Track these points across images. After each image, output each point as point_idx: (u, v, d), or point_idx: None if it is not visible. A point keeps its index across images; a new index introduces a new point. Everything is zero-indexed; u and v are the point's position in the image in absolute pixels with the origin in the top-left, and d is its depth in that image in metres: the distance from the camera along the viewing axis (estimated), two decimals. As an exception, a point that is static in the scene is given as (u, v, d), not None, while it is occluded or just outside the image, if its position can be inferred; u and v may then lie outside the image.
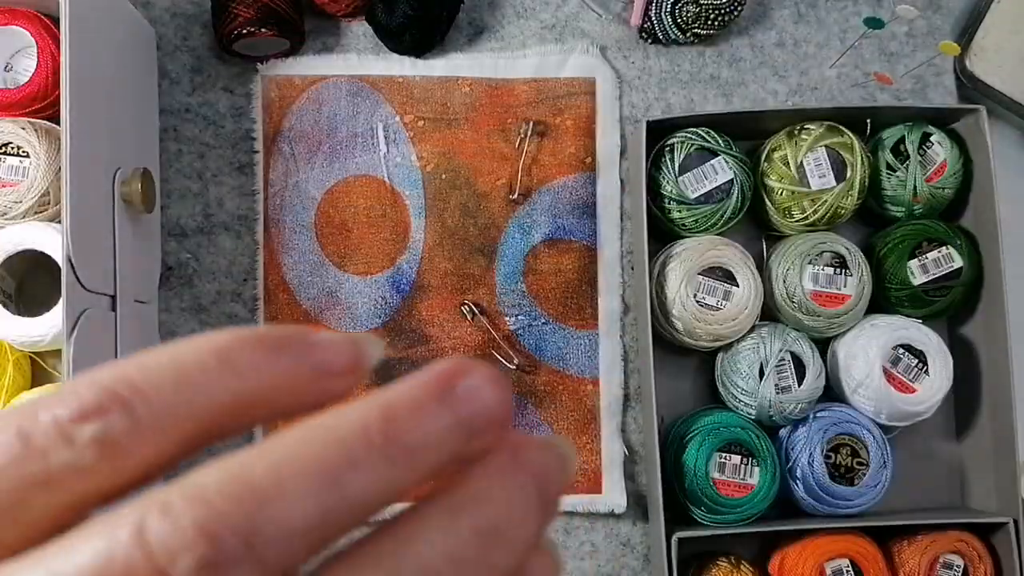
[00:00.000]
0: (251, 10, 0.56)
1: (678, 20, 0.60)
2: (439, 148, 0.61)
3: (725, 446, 0.56)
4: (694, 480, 0.56)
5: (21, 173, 0.53)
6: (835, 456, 0.57)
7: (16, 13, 0.55)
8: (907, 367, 0.57)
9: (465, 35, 0.62)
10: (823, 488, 0.56)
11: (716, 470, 0.56)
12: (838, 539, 0.56)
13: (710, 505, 0.56)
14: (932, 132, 0.59)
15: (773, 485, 0.56)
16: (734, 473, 0.56)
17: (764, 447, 0.57)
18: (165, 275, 0.61)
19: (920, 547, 0.56)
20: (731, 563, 0.57)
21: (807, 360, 0.57)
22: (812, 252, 0.58)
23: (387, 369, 0.60)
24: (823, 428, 0.57)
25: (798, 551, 0.56)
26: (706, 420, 0.58)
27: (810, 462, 0.56)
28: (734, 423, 0.57)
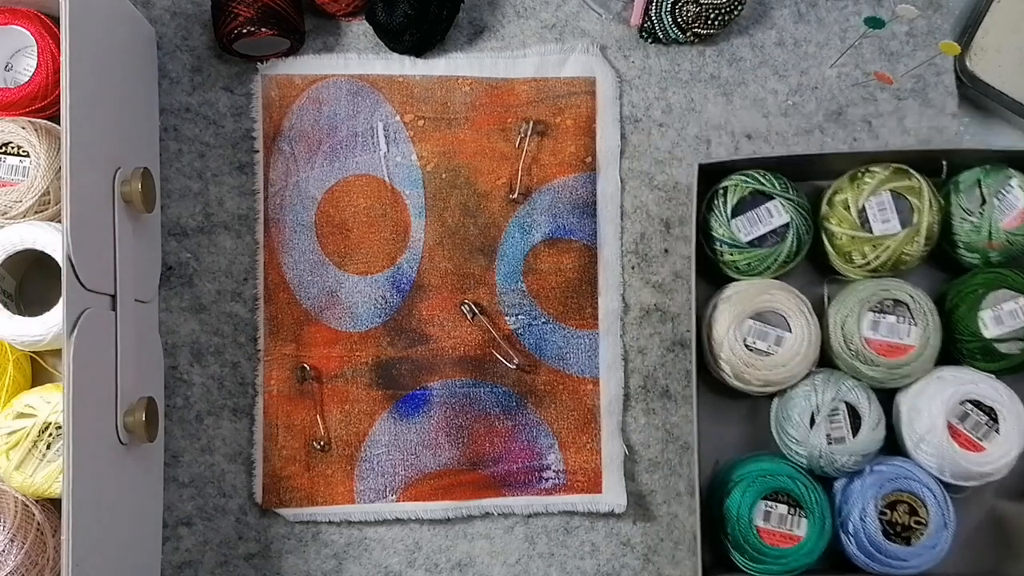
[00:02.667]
0: (251, 10, 0.56)
1: (678, 20, 0.60)
2: (439, 147, 0.61)
3: (771, 494, 0.54)
4: (736, 526, 0.54)
5: (21, 173, 0.53)
6: (891, 513, 0.54)
7: (16, 13, 0.55)
8: (975, 424, 0.54)
9: (465, 35, 0.62)
10: (876, 546, 0.54)
11: (761, 518, 0.54)
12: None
13: (752, 553, 0.54)
14: (1013, 175, 0.56)
15: (822, 538, 0.54)
16: (780, 523, 0.54)
17: (814, 498, 0.54)
18: (165, 274, 0.61)
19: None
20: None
21: (863, 411, 0.54)
22: (872, 299, 0.55)
23: (387, 369, 0.61)
24: (879, 483, 0.54)
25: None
26: (753, 466, 0.56)
27: (862, 517, 0.54)
28: (782, 472, 0.55)
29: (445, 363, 0.60)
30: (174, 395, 0.61)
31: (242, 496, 0.61)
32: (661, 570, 0.61)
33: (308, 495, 0.60)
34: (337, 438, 0.60)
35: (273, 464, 0.60)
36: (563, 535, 0.61)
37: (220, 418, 0.61)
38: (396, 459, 0.60)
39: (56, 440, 0.53)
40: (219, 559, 0.60)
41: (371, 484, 0.60)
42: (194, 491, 0.60)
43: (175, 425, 0.61)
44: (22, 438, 0.52)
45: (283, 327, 0.60)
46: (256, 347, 0.61)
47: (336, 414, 0.60)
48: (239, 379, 0.61)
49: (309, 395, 0.60)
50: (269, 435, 0.60)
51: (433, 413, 0.60)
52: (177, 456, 0.61)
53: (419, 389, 0.60)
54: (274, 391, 0.60)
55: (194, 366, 0.61)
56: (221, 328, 0.61)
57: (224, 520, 0.60)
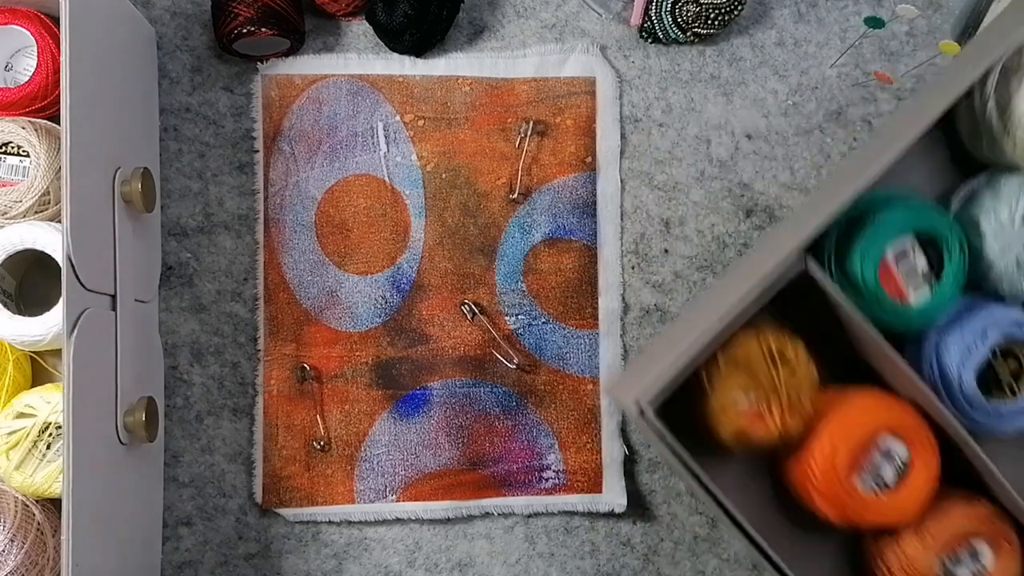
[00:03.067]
0: (251, 9, 0.56)
1: (678, 20, 0.60)
2: (439, 147, 0.61)
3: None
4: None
5: (21, 173, 0.53)
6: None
7: (16, 13, 0.55)
8: None
9: (465, 34, 0.62)
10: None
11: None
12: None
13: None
14: None
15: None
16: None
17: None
18: (165, 274, 0.61)
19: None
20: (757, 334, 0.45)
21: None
22: None
23: (387, 369, 0.60)
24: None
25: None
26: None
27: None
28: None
29: (445, 363, 0.60)
30: (174, 395, 0.61)
31: (242, 496, 0.61)
32: (661, 570, 0.61)
33: (308, 495, 0.60)
34: (337, 438, 0.60)
35: (273, 464, 0.60)
36: (563, 535, 0.61)
37: (220, 418, 0.61)
38: (396, 459, 0.60)
39: (56, 440, 0.53)
40: (219, 559, 0.60)
41: (371, 484, 0.60)
42: (194, 491, 0.60)
43: (175, 425, 0.61)
44: (22, 438, 0.52)
45: (283, 327, 0.60)
46: (256, 347, 0.61)
47: (336, 414, 0.60)
48: (239, 379, 0.61)
49: (309, 395, 0.60)
50: (269, 435, 0.60)
51: (433, 413, 0.60)
52: (177, 456, 0.61)
53: (419, 389, 0.60)
54: (274, 391, 0.60)
55: (194, 366, 0.61)
56: (221, 328, 0.61)
57: (224, 520, 0.60)
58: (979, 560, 0.46)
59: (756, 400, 0.43)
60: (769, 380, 0.43)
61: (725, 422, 0.44)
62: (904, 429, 0.46)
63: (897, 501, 0.45)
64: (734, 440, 0.44)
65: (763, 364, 0.43)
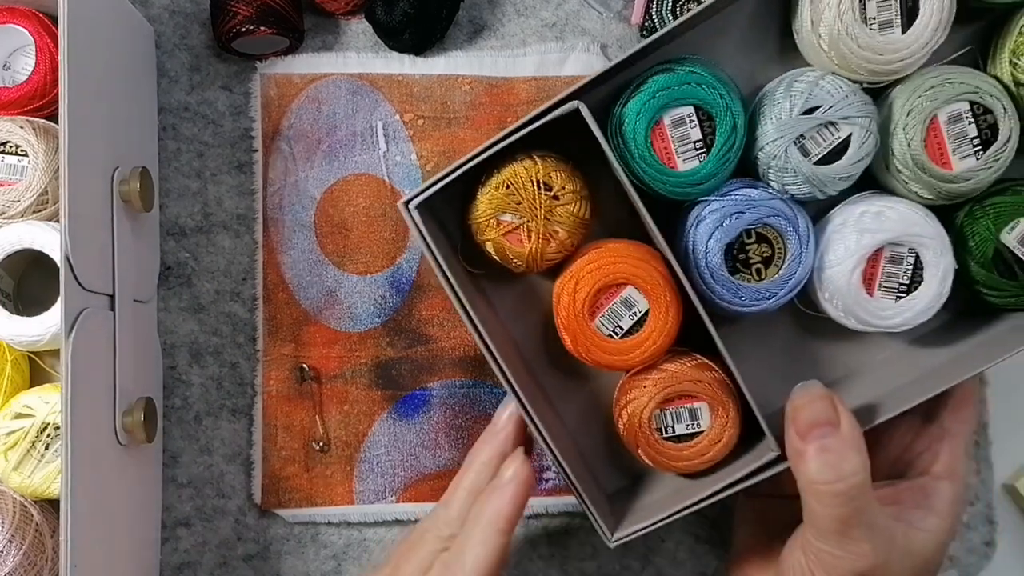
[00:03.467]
0: (250, 8, 0.56)
1: (679, 18, 0.60)
2: (439, 147, 0.61)
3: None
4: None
5: (19, 172, 0.53)
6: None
7: (14, 11, 0.55)
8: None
9: (465, 33, 0.62)
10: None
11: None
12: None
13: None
14: None
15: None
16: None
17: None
18: (164, 274, 0.61)
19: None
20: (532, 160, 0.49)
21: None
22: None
23: (387, 369, 0.60)
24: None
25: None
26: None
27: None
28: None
29: (445, 363, 0.60)
30: (173, 395, 0.61)
31: (241, 497, 0.60)
32: (661, 570, 0.61)
33: (307, 496, 0.60)
34: (336, 438, 0.60)
35: (272, 465, 0.60)
36: (563, 536, 0.61)
37: (219, 419, 0.61)
38: (396, 460, 0.60)
39: (54, 440, 0.52)
40: (218, 560, 0.60)
41: (370, 485, 0.60)
42: (193, 492, 0.60)
43: (174, 425, 0.60)
44: (20, 438, 0.52)
45: (282, 327, 0.60)
46: (255, 347, 0.61)
47: (335, 414, 0.60)
48: (238, 379, 0.61)
49: (308, 395, 0.60)
50: (268, 436, 0.60)
51: (433, 413, 0.60)
52: (176, 457, 0.60)
53: (419, 389, 0.60)
54: (273, 391, 0.60)
55: (193, 366, 0.61)
56: (220, 328, 0.61)
57: (223, 521, 0.60)
58: (697, 419, 0.50)
59: (517, 218, 0.49)
60: (531, 204, 0.48)
61: (488, 233, 0.50)
62: (647, 282, 0.49)
63: (627, 346, 0.49)
64: (494, 253, 0.50)
65: (530, 188, 0.48)
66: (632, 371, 0.51)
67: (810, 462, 0.43)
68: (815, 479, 0.43)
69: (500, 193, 0.49)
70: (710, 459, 0.50)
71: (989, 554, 0.61)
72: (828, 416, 0.44)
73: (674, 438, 0.50)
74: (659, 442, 0.50)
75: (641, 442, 0.51)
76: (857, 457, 0.43)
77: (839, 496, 0.43)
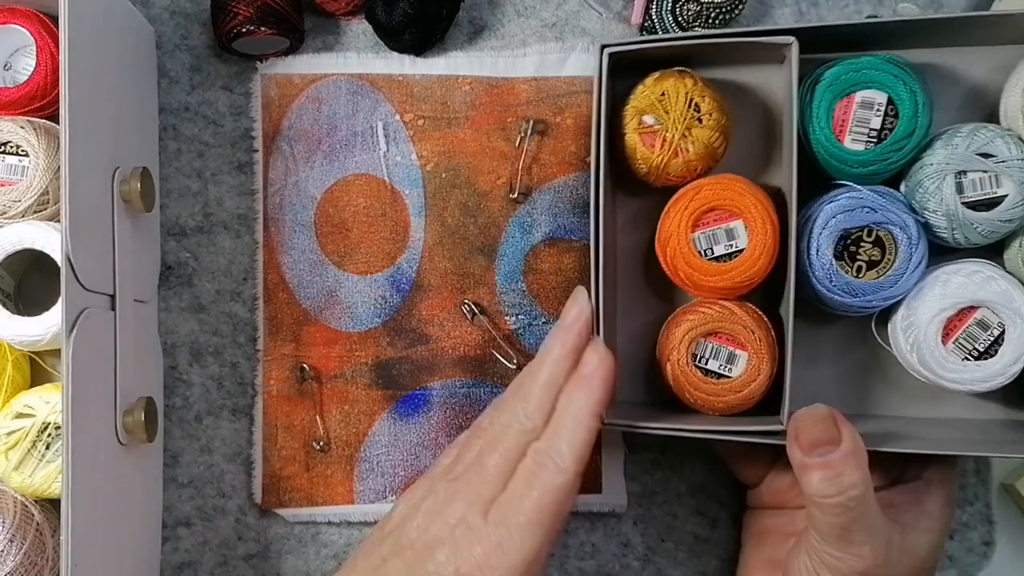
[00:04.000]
0: (251, 8, 0.56)
1: (679, 18, 0.60)
2: (439, 147, 0.61)
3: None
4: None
5: (20, 172, 0.53)
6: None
7: (15, 12, 0.55)
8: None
9: (465, 33, 0.62)
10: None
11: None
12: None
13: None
14: None
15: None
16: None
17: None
18: (164, 274, 0.61)
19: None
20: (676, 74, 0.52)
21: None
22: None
23: (387, 369, 0.60)
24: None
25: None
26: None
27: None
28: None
29: (445, 363, 0.60)
30: (173, 395, 0.61)
31: (241, 497, 0.60)
32: (662, 570, 0.61)
33: (308, 495, 0.60)
34: (337, 438, 0.60)
35: (272, 464, 0.60)
36: (563, 535, 0.61)
37: (219, 418, 0.61)
38: (396, 459, 0.60)
39: (55, 440, 0.53)
40: (218, 559, 0.60)
41: (371, 484, 0.60)
42: (193, 491, 0.60)
43: (174, 425, 0.61)
44: (21, 438, 0.52)
45: (282, 327, 0.60)
46: (255, 347, 0.61)
47: (336, 414, 0.60)
48: (238, 379, 0.61)
49: (309, 395, 0.60)
50: (268, 435, 0.60)
51: (433, 413, 0.60)
52: (176, 456, 0.60)
53: (419, 389, 0.60)
54: (273, 391, 0.60)
55: (193, 366, 0.61)
56: (220, 328, 0.61)
57: (223, 521, 0.60)
58: (732, 363, 0.52)
59: (658, 123, 0.51)
60: (677, 115, 0.51)
61: (628, 127, 0.52)
62: (757, 225, 0.50)
63: (709, 268, 0.51)
64: (627, 149, 0.53)
65: (681, 101, 0.51)
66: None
67: (812, 477, 0.46)
68: (816, 493, 0.46)
69: (654, 96, 0.51)
70: (725, 404, 0.52)
71: (988, 554, 0.61)
72: (830, 436, 0.46)
73: (703, 370, 0.52)
74: (688, 364, 0.52)
75: (672, 357, 0.52)
76: (856, 472, 0.45)
77: (839, 507, 0.45)
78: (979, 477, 0.60)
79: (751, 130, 0.57)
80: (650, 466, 0.61)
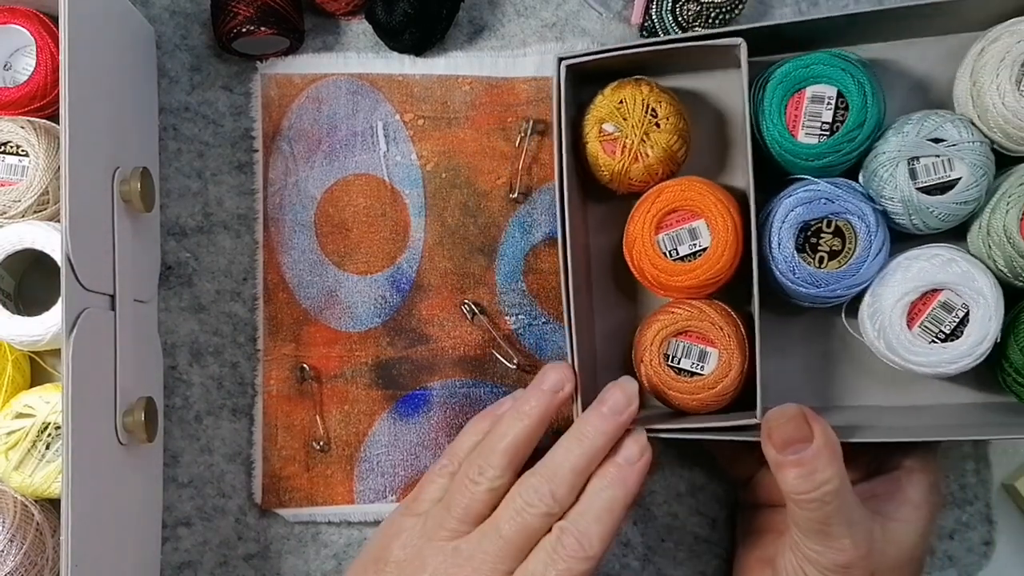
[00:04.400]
0: (251, 8, 0.56)
1: (679, 18, 0.60)
2: (439, 147, 0.61)
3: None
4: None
5: (20, 172, 0.53)
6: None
7: (15, 12, 0.55)
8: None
9: (465, 33, 0.62)
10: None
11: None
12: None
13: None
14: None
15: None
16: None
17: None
18: (164, 274, 0.61)
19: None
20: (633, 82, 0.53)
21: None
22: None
23: (387, 369, 0.60)
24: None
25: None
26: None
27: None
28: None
29: (445, 363, 0.60)
30: (173, 395, 0.61)
31: (241, 496, 0.60)
32: (662, 570, 0.61)
33: (308, 495, 0.60)
34: (337, 438, 0.60)
35: (272, 464, 0.60)
36: (563, 535, 0.61)
37: (219, 418, 0.61)
38: (396, 459, 0.60)
39: (55, 440, 0.53)
40: (218, 559, 0.60)
41: (371, 484, 0.60)
42: (193, 491, 0.60)
43: (174, 425, 0.61)
44: (21, 438, 0.52)
45: (282, 327, 0.60)
46: (255, 347, 0.61)
47: (336, 414, 0.60)
48: (238, 379, 0.61)
49: (309, 395, 0.60)
50: (268, 435, 0.60)
51: (433, 413, 0.60)
52: (176, 456, 0.60)
53: (419, 389, 0.60)
54: (273, 391, 0.60)
55: (193, 366, 0.61)
56: (220, 328, 0.61)
57: (223, 520, 0.60)
58: (703, 361, 0.52)
59: (617, 130, 0.52)
60: (635, 122, 0.52)
61: (589, 135, 0.53)
62: (719, 224, 0.51)
63: (674, 268, 0.52)
64: (589, 157, 0.54)
65: (639, 108, 0.52)
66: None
67: (787, 474, 0.46)
68: (792, 490, 0.46)
69: (613, 104, 0.52)
70: (699, 402, 0.52)
71: (988, 553, 0.61)
72: (802, 433, 0.46)
73: (676, 368, 0.52)
74: (660, 365, 0.52)
75: (645, 359, 0.53)
76: (830, 467, 0.45)
77: (815, 502, 0.46)
78: (979, 477, 0.60)
79: (712, 134, 0.58)
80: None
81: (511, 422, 0.50)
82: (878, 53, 0.56)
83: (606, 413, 0.49)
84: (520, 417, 0.50)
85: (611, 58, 0.53)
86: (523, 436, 0.49)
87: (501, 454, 0.49)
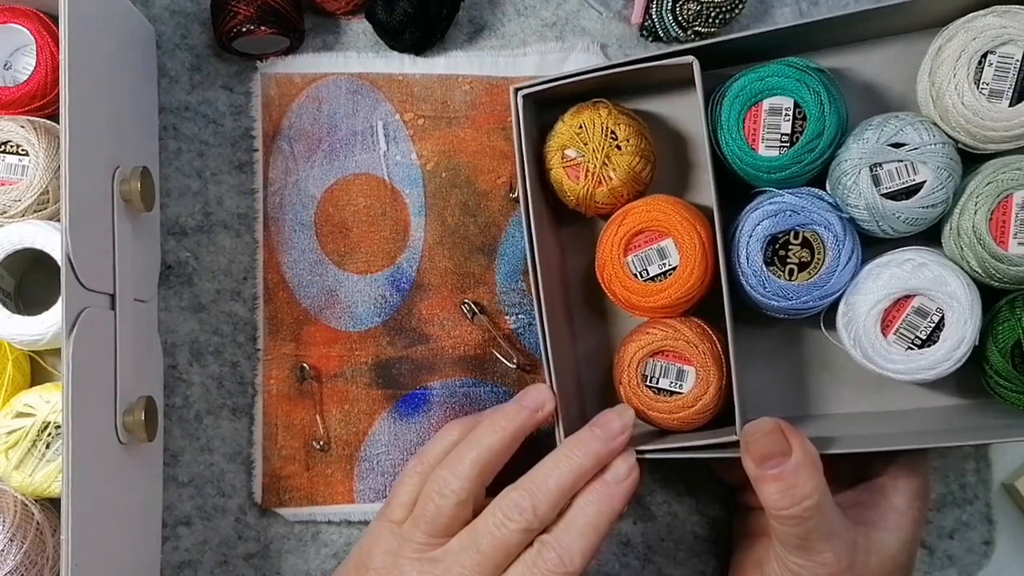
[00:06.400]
0: (251, 8, 0.56)
1: (679, 18, 0.60)
2: (439, 146, 0.61)
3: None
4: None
5: (20, 171, 0.53)
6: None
7: (15, 11, 0.55)
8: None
9: (465, 33, 0.62)
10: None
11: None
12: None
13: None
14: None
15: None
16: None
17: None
18: (164, 273, 0.61)
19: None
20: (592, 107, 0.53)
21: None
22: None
23: (387, 368, 0.60)
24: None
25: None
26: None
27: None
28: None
29: (445, 363, 0.60)
30: (173, 394, 0.61)
31: (241, 496, 0.61)
32: (662, 570, 0.61)
33: (308, 495, 0.60)
34: (337, 438, 0.60)
35: (272, 464, 0.60)
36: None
37: (219, 418, 0.61)
38: (396, 459, 0.60)
39: (55, 439, 0.53)
40: (219, 559, 0.60)
41: (371, 484, 0.60)
42: (193, 491, 0.60)
43: (174, 425, 0.61)
44: (21, 437, 0.52)
45: (282, 326, 0.60)
46: (255, 346, 0.61)
47: (336, 414, 0.60)
48: (238, 378, 0.61)
49: (309, 395, 0.60)
50: (268, 435, 0.60)
51: (433, 413, 0.60)
52: (176, 456, 0.60)
53: (419, 389, 0.60)
54: (273, 391, 0.60)
55: (193, 365, 0.61)
56: (220, 327, 0.61)
57: (223, 520, 0.60)
58: (681, 380, 0.52)
59: (579, 155, 0.52)
60: (595, 146, 0.52)
61: (552, 162, 0.53)
62: (686, 242, 0.51)
63: (645, 289, 0.52)
64: (553, 183, 0.54)
65: (598, 131, 0.52)
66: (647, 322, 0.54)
67: (767, 489, 0.46)
68: (771, 505, 0.46)
69: (572, 129, 0.53)
70: (679, 421, 0.52)
71: (988, 553, 0.61)
72: (780, 447, 0.46)
73: (655, 388, 0.52)
74: (639, 386, 0.52)
75: (623, 380, 0.53)
76: (810, 482, 0.45)
77: (794, 518, 0.45)
78: (979, 477, 0.61)
79: (677, 153, 0.57)
80: (650, 466, 0.61)
81: (485, 432, 0.49)
82: (839, 57, 0.55)
83: (599, 435, 0.49)
84: (495, 429, 0.49)
85: (570, 84, 0.52)
86: (495, 448, 0.49)
87: (471, 463, 0.48)
